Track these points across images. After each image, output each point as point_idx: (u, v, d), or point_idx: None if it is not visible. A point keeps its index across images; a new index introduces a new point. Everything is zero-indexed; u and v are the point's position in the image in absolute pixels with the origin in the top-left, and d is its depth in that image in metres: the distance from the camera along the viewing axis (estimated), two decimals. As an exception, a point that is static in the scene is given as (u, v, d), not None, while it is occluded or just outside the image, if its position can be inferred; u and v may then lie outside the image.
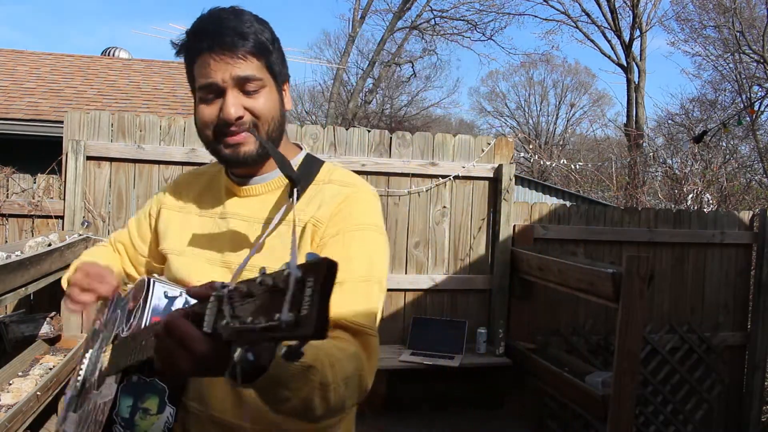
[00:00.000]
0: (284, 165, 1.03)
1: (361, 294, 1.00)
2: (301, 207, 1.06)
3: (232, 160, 1.06)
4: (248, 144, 1.05)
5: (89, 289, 1.10)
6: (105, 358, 1.04)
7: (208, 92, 1.03)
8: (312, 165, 1.13)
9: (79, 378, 1.11)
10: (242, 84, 1.03)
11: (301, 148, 1.19)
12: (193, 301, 0.80)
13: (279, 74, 1.09)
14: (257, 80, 1.04)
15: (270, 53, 1.06)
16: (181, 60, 1.10)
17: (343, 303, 0.96)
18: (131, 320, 1.00)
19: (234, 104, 1.02)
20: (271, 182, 1.12)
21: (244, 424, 1.01)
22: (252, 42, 1.03)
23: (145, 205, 1.30)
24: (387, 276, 1.07)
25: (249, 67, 1.03)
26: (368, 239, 1.04)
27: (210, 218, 1.14)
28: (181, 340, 0.69)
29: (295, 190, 1.04)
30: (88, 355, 1.13)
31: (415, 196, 4.00)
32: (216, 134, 1.05)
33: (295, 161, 1.14)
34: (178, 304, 1.00)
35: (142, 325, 0.96)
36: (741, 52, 14.16)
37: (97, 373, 1.06)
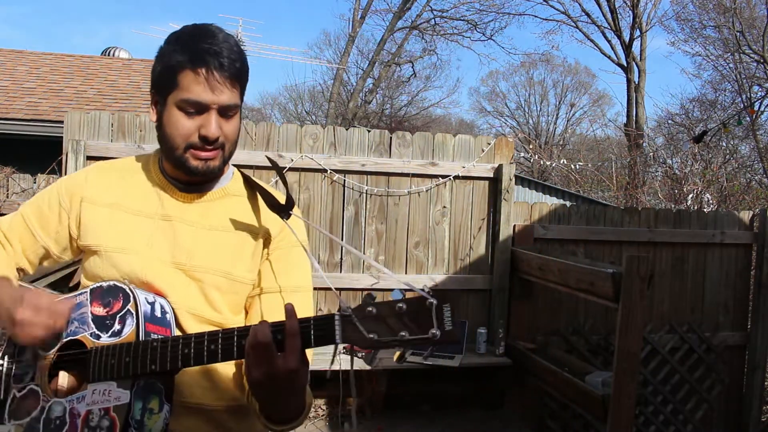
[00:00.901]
0: (273, 205, 1.21)
1: (308, 303, 1.24)
2: (247, 218, 1.21)
3: (198, 171, 1.13)
4: (216, 160, 1.14)
5: (45, 327, 1.06)
6: (40, 370, 1.07)
7: (192, 106, 1.09)
8: (247, 180, 1.27)
9: None
10: (224, 111, 1.11)
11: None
12: (165, 307, 1.10)
13: (243, 99, 1.20)
14: (236, 107, 1.14)
15: (247, 81, 1.16)
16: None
17: (306, 307, 1.21)
18: (114, 326, 1.05)
19: (217, 126, 1.10)
20: (213, 192, 1.21)
21: (212, 403, 1.15)
22: (240, 69, 1.12)
23: (43, 195, 1.25)
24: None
25: (234, 95, 1.12)
26: (302, 256, 1.25)
27: (149, 219, 1.18)
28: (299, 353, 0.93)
29: (284, 220, 1.22)
30: (4, 362, 1.12)
31: (415, 196, 4.00)
32: (187, 146, 1.11)
33: (232, 178, 1.26)
34: (158, 309, 1.09)
35: (140, 333, 1.03)
36: (741, 52, 14.16)
37: (31, 379, 1.08)
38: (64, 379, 1.09)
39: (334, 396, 3.81)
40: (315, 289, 1.36)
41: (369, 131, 4.02)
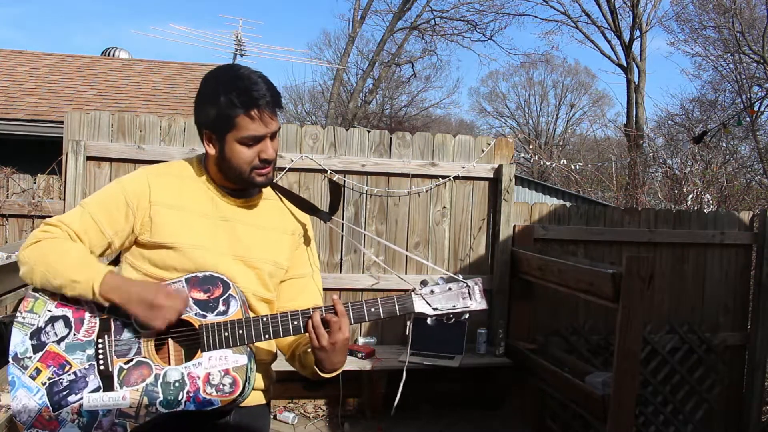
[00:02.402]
0: (315, 210, 1.60)
1: (320, 280, 1.65)
2: (281, 218, 1.54)
3: (264, 185, 1.45)
4: (271, 172, 1.45)
5: (177, 311, 1.32)
6: (146, 344, 1.33)
7: (253, 141, 1.37)
8: (273, 186, 1.59)
9: (102, 361, 1.33)
10: (274, 135, 1.41)
11: None
12: (239, 291, 1.40)
13: None
14: (279, 130, 1.43)
15: (282, 108, 1.44)
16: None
17: (319, 289, 1.61)
18: (219, 307, 1.34)
19: (273, 150, 1.41)
20: (254, 198, 1.50)
21: (264, 358, 1.51)
22: (280, 101, 1.41)
23: (107, 196, 1.42)
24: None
25: (277, 121, 1.41)
26: (314, 246, 1.65)
27: (211, 220, 1.44)
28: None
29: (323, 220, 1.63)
30: (104, 340, 1.34)
31: (415, 196, 4.00)
32: (251, 168, 1.40)
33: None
34: (240, 292, 1.38)
35: (244, 311, 1.36)
36: (741, 53, 14.16)
37: (136, 354, 1.33)
38: (175, 349, 1.35)
39: (334, 396, 3.81)
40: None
41: (369, 132, 4.02)
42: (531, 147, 18.91)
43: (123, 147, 3.60)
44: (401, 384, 2.80)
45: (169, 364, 1.32)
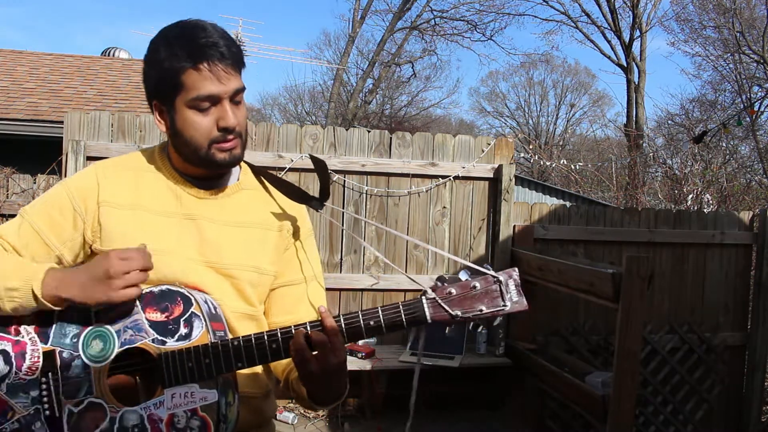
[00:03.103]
0: (303, 196, 1.27)
1: (322, 289, 1.32)
2: (264, 211, 1.24)
3: (226, 163, 1.14)
4: (237, 148, 1.15)
5: (143, 267, 1.05)
6: (98, 379, 1.06)
7: (205, 102, 1.09)
8: (256, 172, 1.29)
9: (45, 399, 1.07)
10: (234, 96, 1.12)
11: None
12: (213, 303, 1.13)
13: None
14: (243, 91, 1.14)
15: (244, 65, 1.15)
16: None
17: (318, 299, 1.29)
18: (180, 330, 1.07)
19: (233, 114, 1.11)
20: (229, 187, 1.22)
21: (251, 391, 1.22)
22: (237, 53, 1.12)
23: (50, 201, 1.18)
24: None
25: (238, 80, 1.12)
26: (314, 243, 1.34)
27: (172, 218, 1.17)
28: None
29: (317, 209, 1.29)
30: (48, 379, 1.08)
31: (415, 196, 4.00)
32: (210, 142, 1.12)
33: (242, 170, 1.27)
34: (211, 306, 1.12)
35: (210, 334, 1.07)
36: (741, 53, 14.16)
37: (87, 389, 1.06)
38: (132, 384, 1.10)
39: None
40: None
41: (369, 132, 4.02)
42: (531, 147, 18.91)
43: (123, 147, 3.60)
44: (415, 381, 2.80)
45: (126, 405, 1.06)
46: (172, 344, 1.06)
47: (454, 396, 4.07)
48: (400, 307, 1.06)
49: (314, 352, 1.04)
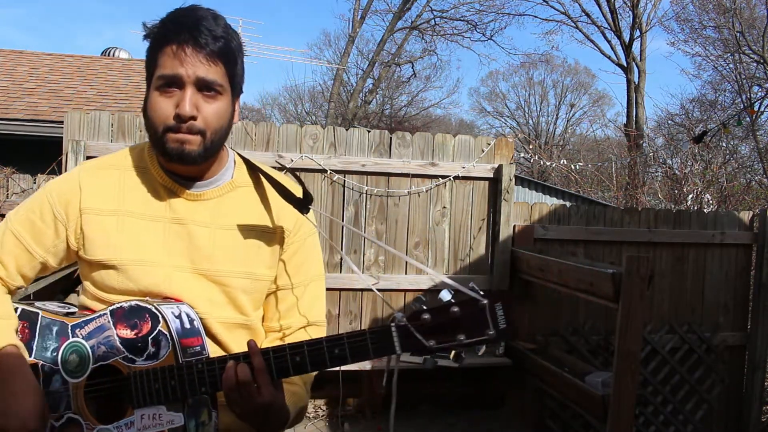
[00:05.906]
0: (291, 199, 1.16)
1: (320, 292, 1.24)
2: (259, 211, 1.16)
3: (173, 154, 1.05)
4: (193, 145, 1.05)
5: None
6: (75, 396, 1.05)
7: (169, 83, 1.03)
8: (251, 167, 1.20)
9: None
10: (202, 86, 1.04)
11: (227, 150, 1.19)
12: (190, 315, 1.07)
13: (237, 86, 1.11)
14: (218, 86, 1.05)
15: (235, 63, 1.08)
16: None
17: (313, 303, 1.21)
18: (149, 349, 1.03)
19: (191, 102, 1.02)
20: (221, 187, 1.14)
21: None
22: (223, 46, 1.05)
23: (32, 207, 1.14)
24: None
25: (214, 71, 1.04)
26: (316, 243, 1.24)
27: (160, 223, 1.11)
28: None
29: (305, 212, 1.19)
30: None
31: (415, 196, 4.00)
32: (165, 129, 1.04)
33: (236, 167, 1.18)
34: (186, 319, 1.06)
35: (177, 354, 1.02)
36: (741, 53, 14.16)
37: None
38: (105, 402, 1.07)
39: (334, 396, 3.81)
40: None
41: (369, 131, 4.02)
42: (531, 147, 18.92)
43: (123, 147, 3.59)
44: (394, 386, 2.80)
45: (101, 423, 1.05)
46: (140, 363, 1.03)
47: (453, 395, 4.07)
48: (367, 336, 0.96)
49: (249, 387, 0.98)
